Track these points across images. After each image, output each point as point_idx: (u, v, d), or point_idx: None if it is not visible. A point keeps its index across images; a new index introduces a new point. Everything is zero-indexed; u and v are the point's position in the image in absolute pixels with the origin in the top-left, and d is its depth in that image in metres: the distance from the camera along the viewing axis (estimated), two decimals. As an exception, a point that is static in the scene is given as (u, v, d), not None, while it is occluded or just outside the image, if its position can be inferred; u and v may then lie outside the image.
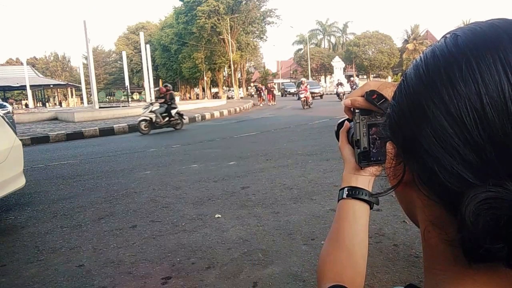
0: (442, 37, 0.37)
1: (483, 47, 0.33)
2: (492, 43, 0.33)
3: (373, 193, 0.52)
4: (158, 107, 11.53)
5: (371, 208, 0.65)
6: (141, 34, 25.83)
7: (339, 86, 24.50)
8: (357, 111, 0.58)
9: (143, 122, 11.37)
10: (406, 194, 0.39)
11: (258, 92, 27.72)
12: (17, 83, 33.91)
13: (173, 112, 11.81)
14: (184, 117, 12.54)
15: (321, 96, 30.53)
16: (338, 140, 0.70)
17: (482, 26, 0.35)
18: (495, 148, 0.31)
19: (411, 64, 0.39)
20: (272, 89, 28.02)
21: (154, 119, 11.32)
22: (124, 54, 28.39)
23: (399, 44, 55.75)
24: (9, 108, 10.65)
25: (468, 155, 0.32)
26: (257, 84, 36.80)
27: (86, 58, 26.17)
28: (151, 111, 11.39)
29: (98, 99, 21.77)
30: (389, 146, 0.39)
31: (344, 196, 0.65)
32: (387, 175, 0.41)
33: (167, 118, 11.65)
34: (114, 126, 12.36)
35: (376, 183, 0.53)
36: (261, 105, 25.08)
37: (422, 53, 0.38)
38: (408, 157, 0.36)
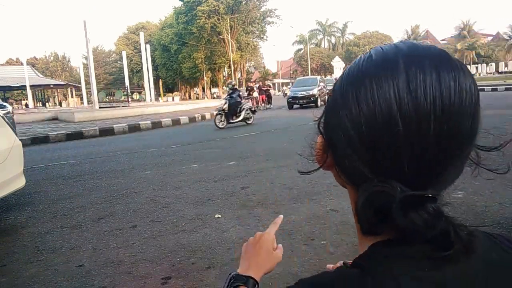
0: (366, 53, 0.46)
1: (382, 71, 0.41)
2: (389, 67, 0.41)
3: (304, 172, 0.59)
4: (233, 101, 11.83)
5: None
6: (141, 34, 25.86)
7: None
8: None
9: (219, 117, 11.64)
10: (337, 174, 0.50)
11: (248, 93, 19.90)
12: (17, 83, 33.92)
13: (246, 106, 12.38)
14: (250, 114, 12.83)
15: None
16: None
17: (386, 49, 0.44)
18: (382, 153, 0.41)
19: (339, 77, 0.48)
20: (265, 88, 22.74)
21: (228, 113, 11.71)
22: (124, 54, 28.41)
23: (399, 44, 55.67)
24: (9, 108, 10.61)
25: (365, 156, 0.42)
26: (251, 83, 26.54)
27: (86, 58, 26.18)
28: (227, 105, 11.69)
29: (98, 99, 21.79)
30: (319, 138, 0.50)
31: None
32: (316, 160, 0.52)
33: (242, 112, 12.03)
34: (114, 126, 12.35)
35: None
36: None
37: (348, 67, 0.47)
38: (330, 148, 0.48)
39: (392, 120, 0.39)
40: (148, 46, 27.08)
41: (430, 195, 0.39)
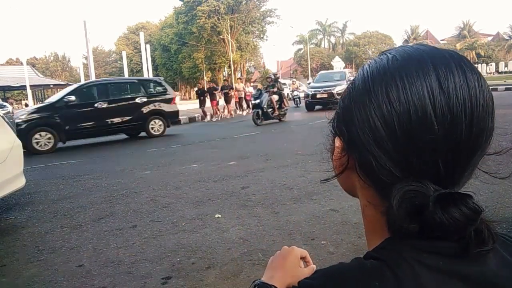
0: (382, 55, 0.46)
1: (413, 70, 0.41)
2: (420, 67, 0.41)
3: (322, 179, 0.55)
4: (270, 96, 11.48)
5: None
6: (141, 34, 25.84)
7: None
8: None
9: (256, 113, 11.42)
10: (349, 177, 0.48)
11: (199, 98, 15.04)
12: (17, 83, 33.88)
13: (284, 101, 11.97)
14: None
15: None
16: None
17: (410, 50, 0.44)
18: (417, 154, 0.40)
19: (357, 74, 0.47)
20: (230, 91, 15.33)
21: (266, 110, 11.40)
22: (124, 54, 28.39)
23: (399, 44, 55.69)
24: (9, 108, 10.62)
25: (396, 156, 0.41)
26: (213, 83, 18.87)
27: (86, 58, 26.19)
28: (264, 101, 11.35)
29: (98, 99, 21.73)
30: (337, 141, 0.47)
31: None
32: (334, 166, 0.49)
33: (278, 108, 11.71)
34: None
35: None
36: (210, 120, 14.84)
37: (367, 66, 0.46)
38: (352, 151, 0.45)
39: (427, 118, 0.39)
40: (148, 46, 27.08)
41: (467, 194, 0.40)
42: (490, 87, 0.42)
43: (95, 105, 9.35)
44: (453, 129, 0.39)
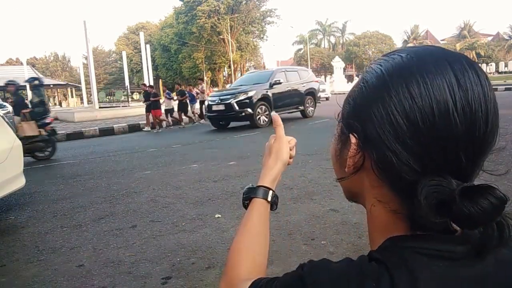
0: (392, 54, 0.46)
1: (432, 67, 0.41)
2: (437, 64, 0.41)
3: (338, 178, 0.53)
4: None
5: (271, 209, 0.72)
6: (141, 34, 25.83)
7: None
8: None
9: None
10: (358, 176, 0.48)
11: (146, 103, 12.24)
12: (17, 83, 33.85)
13: None
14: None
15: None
16: None
17: (421, 49, 0.44)
18: (439, 149, 0.40)
19: (366, 74, 0.47)
20: (175, 95, 13.69)
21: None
22: (124, 54, 28.42)
23: (399, 44, 55.71)
24: (9, 108, 10.62)
25: (418, 152, 0.41)
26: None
27: (86, 58, 26.18)
28: None
29: (98, 99, 21.77)
30: (352, 139, 0.46)
31: (269, 199, 0.71)
32: (347, 164, 0.47)
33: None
34: (114, 126, 12.36)
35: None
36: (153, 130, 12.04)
37: (378, 66, 0.46)
38: (368, 148, 0.44)
39: (450, 113, 0.40)
40: (148, 46, 27.08)
41: (492, 185, 0.40)
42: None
43: None
44: (473, 124, 0.40)
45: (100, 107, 20.44)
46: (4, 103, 10.93)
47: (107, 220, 3.60)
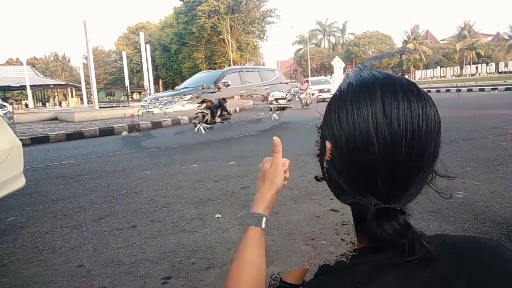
0: (347, 77, 0.52)
1: (361, 96, 0.46)
2: (368, 93, 0.46)
3: (319, 178, 0.61)
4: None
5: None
6: (141, 34, 25.84)
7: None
8: None
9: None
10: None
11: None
12: (17, 83, 33.90)
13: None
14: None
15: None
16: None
17: (365, 77, 0.50)
18: (359, 171, 0.45)
19: (340, 85, 0.53)
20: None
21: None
22: (124, 54, 28.43)
23: (399, 44, 55.68)
24: (9, 108, 10.64)
25: (345, 171, 0.47)
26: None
27: (86, 58, 26.18)
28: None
29: (98, 99, 21.78)
30: (328, 144, 0.51)
31: (263, 226, 0.74)
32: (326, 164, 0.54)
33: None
34: (114, 126, 12.35)
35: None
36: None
37: (338, 89, 0.52)
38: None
39: (370, 140, 0.44)
40: (148, 46, 27.08)
41: (399, 208, 0.44)
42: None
43: None
44: (393, 150, 0.43)
45: (100, 107, 20.44)
46: (4, 103, 10.95)
47: (107, 220, 3.60)
